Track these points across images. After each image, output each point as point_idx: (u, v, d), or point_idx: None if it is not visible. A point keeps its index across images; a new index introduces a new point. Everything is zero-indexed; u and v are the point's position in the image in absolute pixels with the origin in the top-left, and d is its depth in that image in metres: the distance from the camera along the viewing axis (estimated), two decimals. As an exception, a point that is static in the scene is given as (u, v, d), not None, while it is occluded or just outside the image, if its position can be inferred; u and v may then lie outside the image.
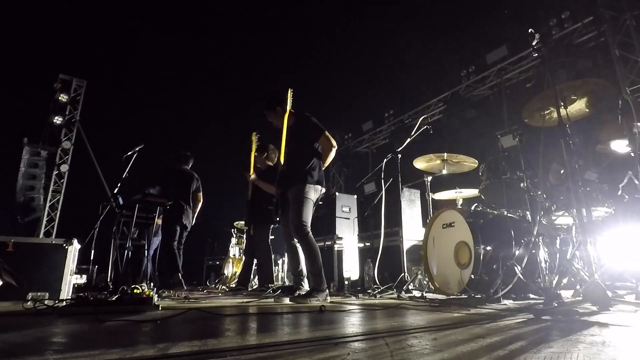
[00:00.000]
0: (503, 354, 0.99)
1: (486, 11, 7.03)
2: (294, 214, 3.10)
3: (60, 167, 7.99)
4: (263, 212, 4.39)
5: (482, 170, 3.46)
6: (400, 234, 4.34)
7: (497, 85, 7.29)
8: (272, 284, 4.49)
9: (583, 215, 2.12)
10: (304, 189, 3.12)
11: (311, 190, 3.14)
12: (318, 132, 3.24)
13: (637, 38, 5.19)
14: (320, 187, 3.23)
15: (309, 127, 3.27)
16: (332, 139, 3.28)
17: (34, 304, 2.34)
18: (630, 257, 2.39)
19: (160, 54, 10.12)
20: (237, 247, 7.23)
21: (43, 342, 1.26)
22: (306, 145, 3.25)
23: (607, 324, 1.48)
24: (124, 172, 4.15)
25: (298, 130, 3.31)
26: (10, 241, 3.01)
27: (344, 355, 1.00)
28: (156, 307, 2.22)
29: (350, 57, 10.02)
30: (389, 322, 1.72)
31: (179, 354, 1.02)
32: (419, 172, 4.11)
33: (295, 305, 2.71)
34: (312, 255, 3.05)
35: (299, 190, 3.13)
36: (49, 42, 8.57)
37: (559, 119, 2.25)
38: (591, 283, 1.90)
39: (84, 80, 8.47)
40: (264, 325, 1.69)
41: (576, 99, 2.51)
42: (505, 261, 2.74)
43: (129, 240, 3.73)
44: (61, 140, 8.05)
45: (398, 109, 9.24)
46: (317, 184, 3.19)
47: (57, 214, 7.97)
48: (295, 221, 3.09)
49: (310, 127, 3.26)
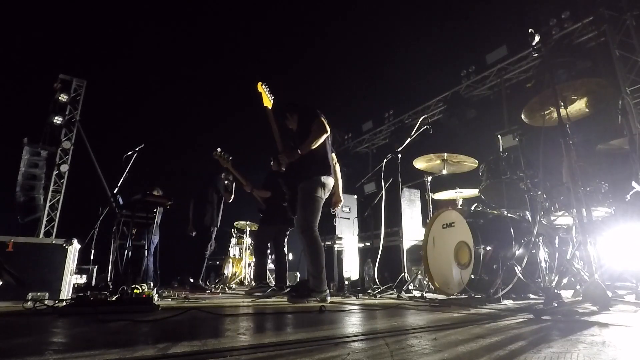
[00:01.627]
0: (503, 354, 0.99)
1: (486, 11, 7.03)
2: (300, 213, 3.07)
3: (60, 167, 7.99)
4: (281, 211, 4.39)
5: (482, 170, 3.46)
6: (400, 234, 4.34)
7: (497, 85, 7.29)
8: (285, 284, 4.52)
9: (583, 215, 2.12)
10: (309, 187, 3.07)
11: (319, 187, 3.07)
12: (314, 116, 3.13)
13: (637, 38, 5.19)
14: (327, 176, 3.12)
15: (308, 116, 3.18)
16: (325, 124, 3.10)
17: (34, 304, 2.34)
18: (630, 257, 2.39)
19: (160, 54, 10.11)
20: (237, 247, 7.23)
21: (43, 342, 1.25)
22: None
23: (607, 324, 1.48)
24: (124, 172, 4.15)
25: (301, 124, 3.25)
26: (10, 241, 3.01)
27: (344, 355, 1.00)
28: (156, 307, 2.23)
29: (350, 57, 10.02)
30: (389, 322, 1.72)
31: (179, 354, 1.02)
32: (419, 172, 4.10)
33: (296, 305, 2.71)
34: (315, 256, 3.00)
35: (304, 188, 3.08)
36: (49, 42, 8.56)
37: (559, 119, 2.25)
38: (591, 283, 1.90)
39: (84, 80, 8.48)
40: (264, 325, 1.69)
41: (576, 99, 2.51)
42: (505, 261, 2.74)
43: (129, 240, 3.74)
44: (61, 140, 8.05)
45: (398, 109, 9.24)
46: (324, 177, 3.10)
47: (57, 214, 7.97)
48: (300, 220, 3.06)
49: (309, 116, 3.17)
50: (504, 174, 3.18)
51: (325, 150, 3.21)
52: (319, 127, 3.08)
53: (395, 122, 9.29)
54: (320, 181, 3.09)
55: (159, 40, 9.85)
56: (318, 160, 3.13)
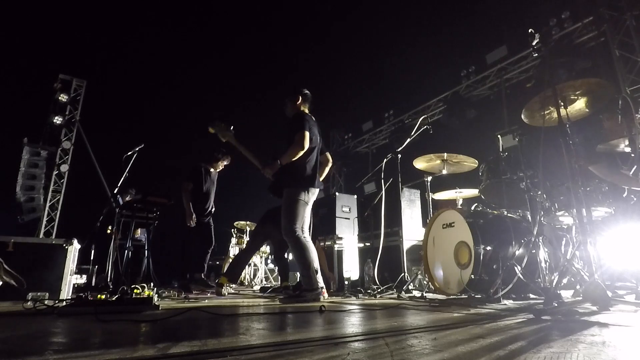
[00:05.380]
0: (503, 354, 0.99)
1: (486, 11, 7.03)
2: (283, 217, 3.13)
3: (60, 167, 8.00)
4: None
5: (482, 170, 3.46)
6: (400, 234, 4.34)
7: (497, 85, 7.30)
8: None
9: (583, 215, 2.12)
10: (292, 192, 3.14)
11: (302, 192, 3.14)
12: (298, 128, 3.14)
13: (637, 38, 5.19)
14: (312, 187, 3.18)
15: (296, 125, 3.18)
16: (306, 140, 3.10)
17: (34, 304, 2.33)
18: (630, 257, 2.39)
19: (160, 54, 10.12)
20: (237, 247, 7.23)
21: (43, 342, 1.25)
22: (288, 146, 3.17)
23: (607, 324, 1.48)
24: (124, 172, 4.15)
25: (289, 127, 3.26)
26: (10, 241, 3.01)
27: (344, 355, 1.00)
28: (156, 307, 2.22)
29: (350, 57, 10.03)
30: (389, 322, 1.72)
31: (179, 354, 1.02)
32: (419, 172, 4.10)
33: (296, 305, 2.71)
34: (301, 257, 3.07)
35: (287, 193, 3.15)
36: (49, 42, 8.57)
37: (559, 119, 2.25)
38: (591, 283, 1.90)
39: (84, 80, 8.48)
40: (264, 325, 1.69)
41: (576, 99, 2.51)
42: (505, 261, 2.74)
43: (129, 240, 3.74)
44: (61, 140, 8.06)
45: (398, 109, 9.25)
46: (307, 185, 3.16)
47: (57, 214, 7.97)
48: (283, 224, 3.12)
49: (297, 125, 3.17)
50: (504, 174, 3.18)
51: (310, 161, 3.23)
52: (297, 142, 3.09)
53: (395, 122, 9.30)
54: (305, 188, 3.16)
55: (159, 40, 9.85)
56: (301, 170, 3.17)
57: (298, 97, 3.39)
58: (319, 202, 4.78)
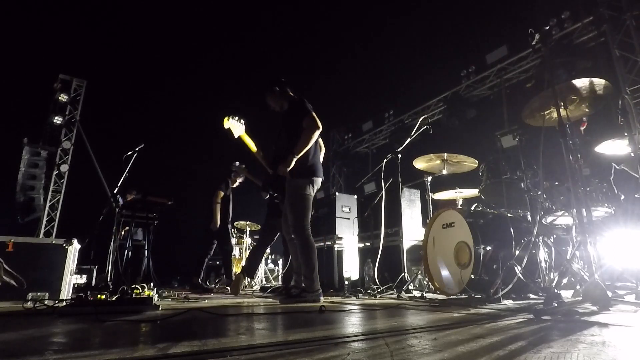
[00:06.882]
0: (503, 354, 0.99)
1: (486, 11, 7.03)
2: (290, 213, 3.02)
3: (60, 167, 7.99)
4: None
5: (482, 170, 3.46)
6: (400, 234, 4.34)
7: (497, 85, 7.29)
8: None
9: (583, 215, 2.12)
10: (297, 186, 3.01)
11: (307, 185, 3.02)
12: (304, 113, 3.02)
13: (637, 38, 5.19)
14: (316, 177, 3.07)
15: (301, 110, 3.05)
16: (317, 120, 2.96)
17: (34, 304, 2.34)
18: (630, 257, 2.39)
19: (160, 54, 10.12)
20: (237, 247, 7.23)
21: (43, 342, 1.26)
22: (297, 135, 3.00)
23: (607, 324, 1.47)
24: (124, 172, 4.15)
25: (290, 117, 3.15)
26: (10, 241, 3.01)
27: (344, 355, 1.00)
28: (156, 307, 2.23)
29: (350, 57, 10.03)
30: (389, 322, 1.72)
31: (179, 354, 1.02)
32: (419, 172, 4.10)
33: (296, 305, 2.71)
34: (309, 257, 2.97)
35: (292, 188, 3.03)
36: (48, 42, 8.56)
37: (559, 119, 2.25)
38: (591, 283, 1.90)
39: (84, 80, 8.47)
40: (264, 325, 1.69)
41: (576, 99, 2.51)
42: (505, 261, 2.74)
43: (129, 240, 3.74)
44: (61, 140, 8.05)
45: (398, 109, 9.24)
46: (313, 177, 3.05)
47: (57, 214, 7.96)
48: (291, 221, 3.00)
49: (302, 111, 3.04)
50: (504, 174, 3.18)
51: (315, 148, 3.14)
52: (311, 125, 2.95)
53: (395, 122, 9.29)
54: (310, 179, 3.05)
55: (159, 40, 9.85)
56: (308, 160, 3.05)
57: (281, 86, 3.25)
58: (319, 202, 4.79)
